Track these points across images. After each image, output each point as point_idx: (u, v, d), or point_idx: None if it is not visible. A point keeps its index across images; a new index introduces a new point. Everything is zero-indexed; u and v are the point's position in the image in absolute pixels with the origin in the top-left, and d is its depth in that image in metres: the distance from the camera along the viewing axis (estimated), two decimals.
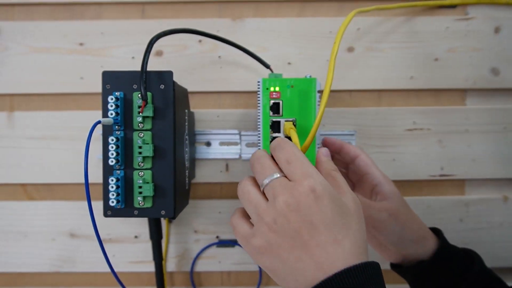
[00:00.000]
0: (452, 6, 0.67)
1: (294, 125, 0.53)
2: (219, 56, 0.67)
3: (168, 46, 0.67)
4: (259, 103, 0.54)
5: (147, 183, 0.48)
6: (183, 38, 0.66)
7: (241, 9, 0.68)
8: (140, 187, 0.48)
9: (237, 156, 0.66)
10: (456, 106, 0.68)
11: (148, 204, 0.49)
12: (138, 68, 0.47)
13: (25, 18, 0.67)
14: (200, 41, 0.66)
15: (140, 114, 0.48)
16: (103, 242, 0.60)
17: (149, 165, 0.49)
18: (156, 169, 0.49)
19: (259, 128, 0.54)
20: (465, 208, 0.68)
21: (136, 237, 0.68)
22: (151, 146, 0.48)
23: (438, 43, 0.67)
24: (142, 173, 0.49)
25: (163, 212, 0.50)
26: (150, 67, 0.47)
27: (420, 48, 0.67)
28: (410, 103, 0.68)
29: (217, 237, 0.68)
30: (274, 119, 0.54)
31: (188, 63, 0.67)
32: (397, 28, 0.67)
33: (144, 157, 0.48)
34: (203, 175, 0.67)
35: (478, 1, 0.67)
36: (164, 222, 0.66)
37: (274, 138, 0.53)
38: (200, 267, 0.68)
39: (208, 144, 0.67)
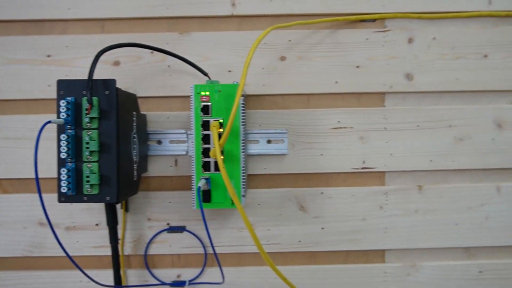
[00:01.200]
0: (372, 20, 0.81)
1: (221, 124, 0.66)
2: (168, 65, 0.80)
3: (124, 57, 0.80)
4: (191, 106, 0.67)
5: (94, 173, 0.61)
6: (137, 50, 0.79)
7: (188, 24, 0.81)
8: (87, 176, 0.61)
9: (184, 153, 0.79)
10: (376, 107, 0.80)
11: (95, 191, 0.62)
12: (96, 77, 0.60)
13: (0, 33, 0.80)
14: (152, 52, 0.80)
15: (87, 115, 0.61)
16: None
17: (96, 158, 0.62)
18: (102, 162, 0.62)
19: (192, 127, 0.67)
20: (385, 196, 0.80)
21: (97, 224, 0.81)
22: (97, 142, 0.61)
23: (359, 52, 0.80)
24: (90, 165, 0.62)
25: (108, 198, 0.62)
26: (108, 76, 0.60)
27: (343, 56, 0.80)
28: (335, 105, 0.81)
29: (168, 224, 0.81)
30: (204, 119, 0.67)
31: (141, 72, 0.80)
32: (324, 39, 0.80)
33: (91, 152, 0.61)
34: (156, 169, 0.80)
35: (394, 16, 0.80)
36: (120, 211, 0.79)
37: (205, 135, 0.65)
38: (153, 250, 0.81)
39: (159, 142, 0.80)
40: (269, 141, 0.78)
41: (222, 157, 0.65)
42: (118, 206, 0.76)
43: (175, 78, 0.77)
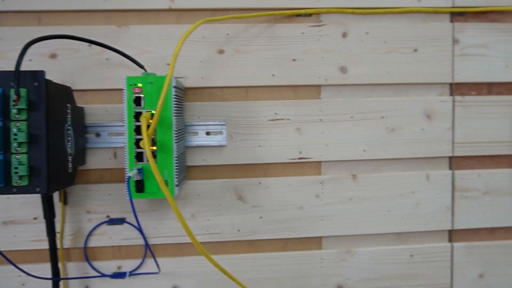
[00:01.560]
0: (308, 15, 0.83)
1: (153, 115, 0.67)
2: (107, 59, 0.81)
3: (62, 50, 0.80)
4: (124, 97, 0.68)
5: (23, 164, 0.62)
6: (75, 43, 0.79)
7: (126, 17, 0.82)
8: (16, 168, 0.62)
9: (123, 145, 0.80)
10: (312, 100, 0.83)
11: (25, 183, 0.62)
12: (32, 69, 0.60)
13: None
14: (89, 45, 0.80)
15: (15, 106, 0.61)
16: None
17: (25, 150, 0.62)
18: (32, 153, 0.63)
19: (125, 118, 0.68)
20: (321, 185, 0.84)
21: (35, 218, 0.81)
22: (26, 134, 0.61)
23: (296, 46, 0.83)
24: (19, 156, 0.62)
25: (38, 189, 0.63)
26: (45, 69, 0.60)
27: (280, 50, 0.83)
28: (273, 97, 0.83)
29: (108, 216, 0.82)
30: (137, 110, 0.68)
31: (80, 65, 0.80)
32: (261, 33, 0.83)
33: (19, 143, 0.62)
34: (95, 162, 0.81)
35: (329, 11, 0.83)
36: (59, 204, 0.79)
37: (137, 126, 0.67)
38: (93, 243, 0.82)
39: (98, 135, 0.81)
40: (208, 133, 0.80)
41: (154, 147, 0.66)
42: (56, 199, 0.76)
43: (114, 71, 0.78)
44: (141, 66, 0.75)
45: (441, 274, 0.85)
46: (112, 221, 0.79)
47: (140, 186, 0.66)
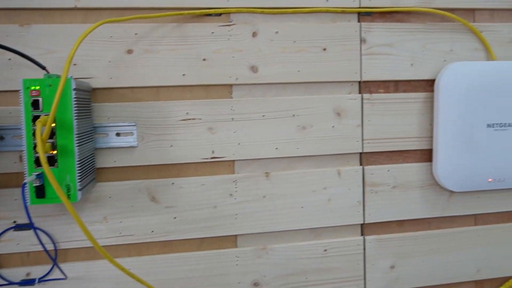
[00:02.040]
0: (217, 14, 0.84)
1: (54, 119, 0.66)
2: (9, 59, 0.79)
3: None
4: (21, 101, 0.67)
5: None
6: None
7: (29, 16, 0.80)
8: None
9: None
10: (224, 99, 0.85)
11: None
12: None
13: None
14: None
15: None
16: None
17: None
18: None
19: (22, 122, 0.67)
20: (234, 184, 0.85)
21: None
22: None
23: (206, 46, 0.84)
24: None
25: None
26: None
27: (190, 50, 0.83)
28: (184, 97, 0.84)
29: (15, 222, 0.80)
30: (35, 114, 0.67)
31: None
32: (170, 33, 0.83)
33: None
34: None
35: (239, 10, 0.84)
36: None
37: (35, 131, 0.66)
38: (0, 249, 0.80)
39: (2, 138, 0.79)
40: (118, 134, 0.80)
41: (55, 151, 0.66)
42: None
43: (17, 71, 0.77)
44: (43, 67, 0.74)
45: (355, 266, 0.88)
46: (19, 227, 0.78)
47: (40, 192, 0.66)
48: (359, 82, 0.87)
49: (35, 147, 0.66)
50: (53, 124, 0.66)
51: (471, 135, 0.87)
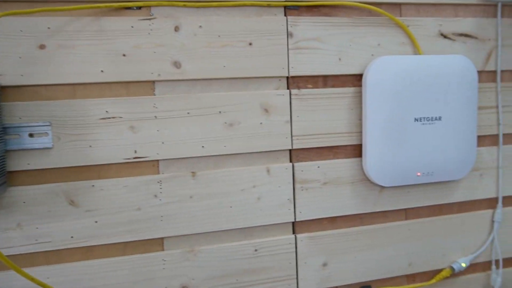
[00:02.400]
0: (138, 8, 0.80)
1: None
2: None
3: None
4: None
5: None
6: None
7: None
8: None
9: None
10: (146, 96, 0.81)
11: None
12: None
13: None
14: None
15: None
16: None
17: None
18: None
19: None
20: (159, 185, 0.81)
21: None
22: None
23: (125, 41, 0.80)
24: None
25: None
26: None
27: (108, 45, 0.79)
28: (103, 94, 0.80)
29: None
30: None
31: None
32: (87, 27, 0.78)
33: None
34: None
35: (160, 3, 0.81)
36: None
37: None
38: None
39: None
40: (31, 135, 0.75)
41: None
42: None
43: None
44: None
45: (287, 266, 0.87)
46: None
47: None
48: (287, 77, 0.86)
49: None
50: None
51: (399, 129, 0.88)
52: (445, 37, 0.95)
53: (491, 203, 1.02)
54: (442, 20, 0.95)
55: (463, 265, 0.98)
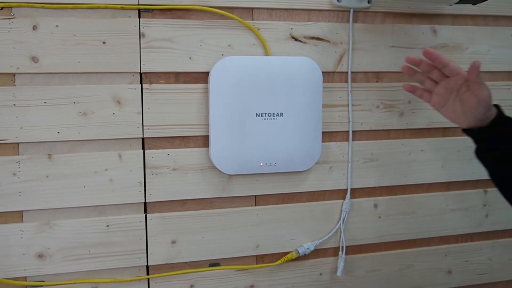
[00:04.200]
0: (0, 8, 0.98)
1: None
2: None
3: None
4: None
5: None
6: None
7: None
8: None
9: None
10: (6, 86, 0.99)
11: None
12: None
13: None
14: None
15: None
16: None
17: None
18: None
19: None
20: (17, 165, 1.01)
21: None
22: None
23: None
24: None
25: None
26: None
27: None
28: None
29: None
30: None
31: None
32: None
33: None
34: None
35: (20, 5, 0.99)
36: None
37: None
38: None
39: None
40: None
41: None
42: None
43: None
44: None
45: (137, 241, 1.07)
46: None
47: None
48: (140, 73, 1.03)
49: None
50: None
51: (241, 123, 1.05)
52: (296, 39, 1.12)
53: (341, 194, 1.19)
54: (294, 24, 1.11)
55: (308, 249, 1.15)
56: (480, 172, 1.15)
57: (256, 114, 1.08)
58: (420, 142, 1.26)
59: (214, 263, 1.16)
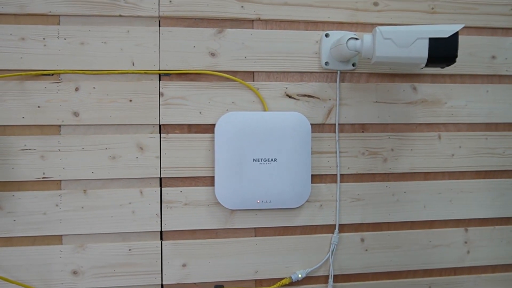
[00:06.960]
0: (50, 74, 1.34)
1: None
2: None
3: None
4: None
5: None
6: None
7: None
8: None
9: None
10: (53, 135, 1.33)
11: None
12: None
13: None
14: None
15: None
16: None
17: None
18: None
19: None
20: (59, 197, 1.34)
21: None
22: None
23: (40, 97, 1.32)
24: None
25: None
26: None
27: (29, 100, 1.32)
28: (24, 133, 1.33)
29: None
30: None
31: None
32: (14, 87, 1.32)
33: None
34: None
35: (66, 72, 1.33)
36: None
37: None
38: None
39: None
40: None
41: None
42: None
43: None
44: None
45: (154, 264, 1.36)
46: None
47: None
48: (159, 125, 1.35)
49: None
50: None
51: (240, 167, 1.34)
52: (290, 97, 1.40)
53: (330, 228, 1.45)
54: (288, 84, 1.40)
55: (300, 276, 1.41)
56: (461, 212, 1.38)
57: (253, 159, 1.36)
58: (402, 185, 1.50)
59: (219, 285, 1.43)
